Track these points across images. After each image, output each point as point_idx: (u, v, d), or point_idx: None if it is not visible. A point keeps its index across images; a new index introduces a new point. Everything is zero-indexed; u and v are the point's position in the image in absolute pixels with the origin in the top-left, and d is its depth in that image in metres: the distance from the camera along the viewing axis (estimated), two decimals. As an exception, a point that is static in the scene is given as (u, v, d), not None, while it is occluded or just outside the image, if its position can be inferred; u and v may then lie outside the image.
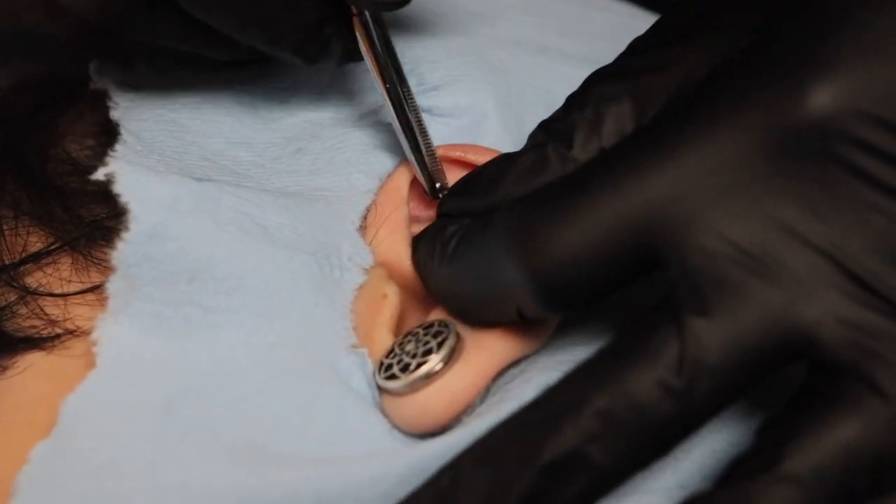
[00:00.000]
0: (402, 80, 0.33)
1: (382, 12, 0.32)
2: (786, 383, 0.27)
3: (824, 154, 0.25)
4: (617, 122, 0.29)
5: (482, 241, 0.29)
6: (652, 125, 0.28)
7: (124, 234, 0.30)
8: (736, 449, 0.30)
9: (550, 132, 0.30)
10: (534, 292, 0.27)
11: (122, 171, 0.31)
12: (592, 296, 0.27)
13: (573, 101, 0.31)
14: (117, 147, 0.33)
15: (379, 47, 0.32)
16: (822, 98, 0.25)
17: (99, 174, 0.31)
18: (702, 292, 0.25)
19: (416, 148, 0.33)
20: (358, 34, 0.32)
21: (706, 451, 0.30)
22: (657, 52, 0.30)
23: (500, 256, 0.28)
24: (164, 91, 0.36)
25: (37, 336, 0.32)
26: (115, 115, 0.34)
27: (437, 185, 0.33)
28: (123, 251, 0.30)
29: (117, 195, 0.30)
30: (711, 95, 0.27)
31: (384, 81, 0.33)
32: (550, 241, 0.27)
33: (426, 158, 0.33)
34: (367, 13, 0.32)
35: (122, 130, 0.34)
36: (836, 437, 0.24)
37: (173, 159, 0.34)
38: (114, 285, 0.30)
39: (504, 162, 0.31)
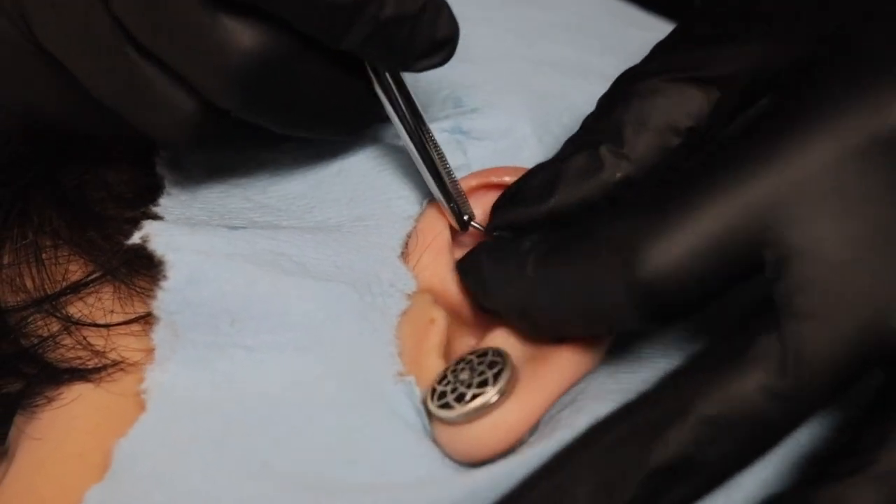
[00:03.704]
0: (422, 121, 0.33)
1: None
2: None
3: None
4: (664, 115, 0.30)
5: (575, 255, 0.29)
6: (745, 132, 0.28)
7: (163, 283, 0.30)
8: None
9: (594, 131, 0.31)
10: (636, 306, 0.27)
11: (155, 231, 0.31)
12: (694, 306, 0.27)
13: (610, 100, 0.31)
14: (161, 200, 0.34)
15: (398, 98, 0.33)
16: None
17: (135, 238, 0.31)
18: (801, 296, 0.26)
19: (441, 186, 0.33)
20: (378, 90, 0.33)
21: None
22: (687, 52, 0.31)
23: (598, 270, 0.28)
24: None
25: (82, 367, 0.32)
26: (160, 170, 0.35)
27: (465, 216, 0.33)
28: (164, 300, 0.30)
29: (153, 251, 0.31)
30: (803, 105, 0.27)
31: (405, 127, 0.33)
32: (653, 252, 0.27)
33: (452, 193, 0.33)
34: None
35: (167, 182, 0.34)
36: None
37: (216, 204, 0.34)
38: (158, 335, 0.30)
39: (552, 167, 0.31)
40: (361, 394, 0.30)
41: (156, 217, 0.33)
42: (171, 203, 0.34)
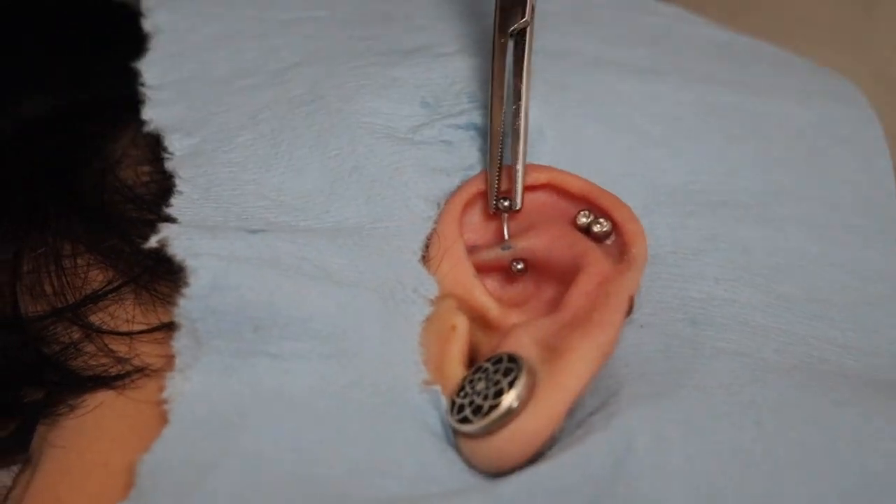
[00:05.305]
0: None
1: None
2: None
3: None
4: None
5: None
6: None
7: (185, 290, 0.30)
8: None
9: None
10: None
11: (174, 234, 0.31)
12: None
13: None
14: (172, 200, 0.33)
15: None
16: None
17: (152, 242, 0.31)
18: None
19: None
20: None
21: None
22: None
23: None
24: (218, 130, 0.35)
25: (105, 374, 0.32)
26: (169, 165, 0.34)
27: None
28: (185, 307, 0.30)
29: (173, 256, 0.30)
30: None
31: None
32: None
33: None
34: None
35: (178, 181, 0.34)
36: None
37: (231, 204, 0.34)
38: (180, 342, 0.30)
39: None
40: (389, 404, 0.30)
41: (170, 219, 0.33)
42: (184, 202, 0.33)
